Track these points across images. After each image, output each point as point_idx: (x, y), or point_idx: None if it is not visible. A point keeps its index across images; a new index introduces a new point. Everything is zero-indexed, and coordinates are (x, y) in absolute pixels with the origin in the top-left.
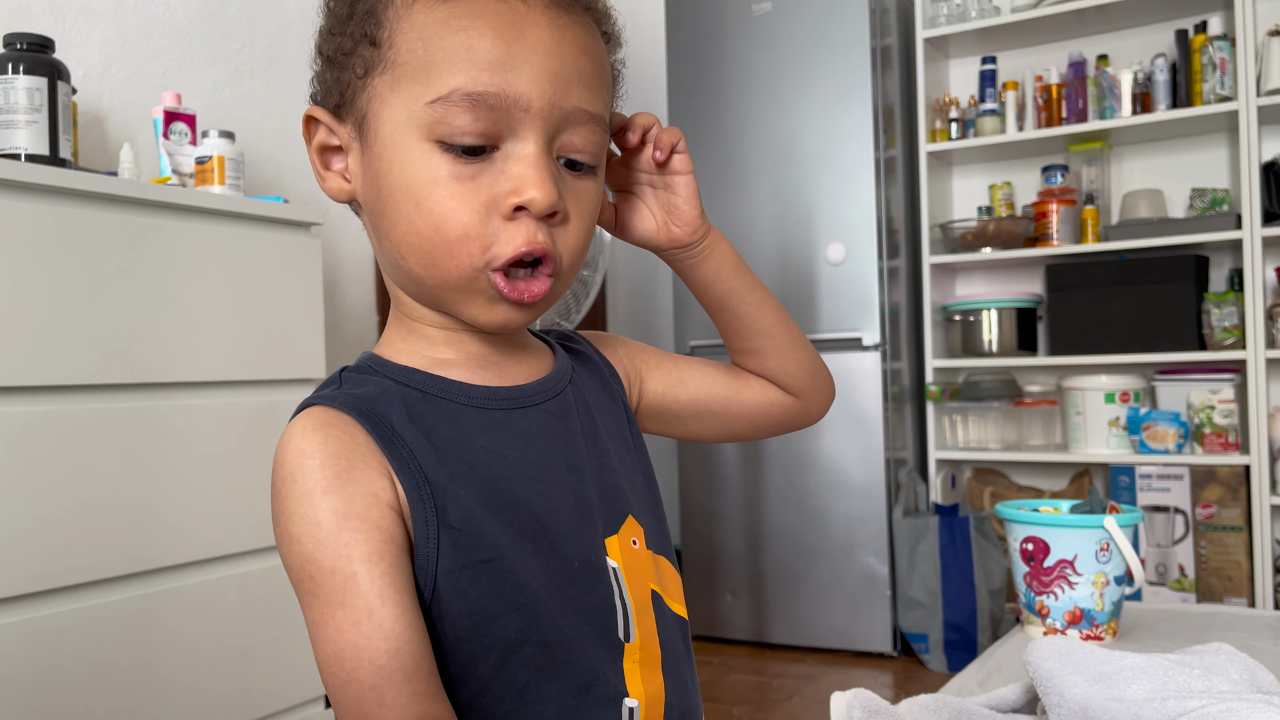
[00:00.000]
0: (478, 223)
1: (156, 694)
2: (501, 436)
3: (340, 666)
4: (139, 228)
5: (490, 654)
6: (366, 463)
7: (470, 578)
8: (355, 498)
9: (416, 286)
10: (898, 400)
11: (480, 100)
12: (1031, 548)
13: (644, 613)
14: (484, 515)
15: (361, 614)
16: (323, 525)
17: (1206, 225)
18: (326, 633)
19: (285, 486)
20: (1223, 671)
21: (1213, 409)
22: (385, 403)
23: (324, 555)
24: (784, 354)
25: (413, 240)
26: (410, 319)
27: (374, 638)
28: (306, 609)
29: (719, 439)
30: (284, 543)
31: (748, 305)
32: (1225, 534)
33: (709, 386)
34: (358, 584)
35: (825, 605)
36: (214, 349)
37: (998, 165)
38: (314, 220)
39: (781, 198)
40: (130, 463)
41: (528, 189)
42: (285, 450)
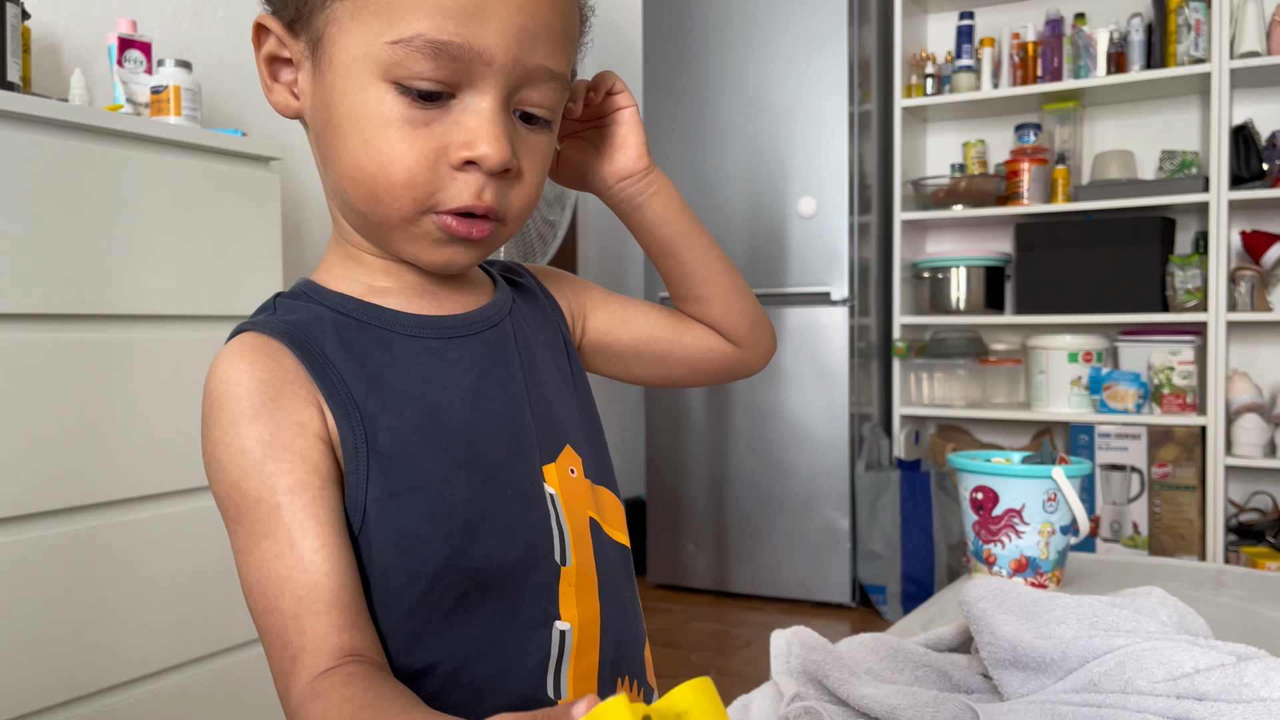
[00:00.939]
0: (425, 169)
1: (104, 628)
2: (436, 365)
3: (263, 595)
4: (90, 155)
5: (418, 579)
6: (295, 391)
7: (399, 505)
8: (282, 427)
9: (358, 219)
10: (864, 356)
11: (443, 49)
12: (981, 497)
13: (581, 538)
14: (415, 442)
15: (284, 545)
16: (248, 454)
17: (1175, 188)
18: (251, 560)
19: (212, 414)
20: (1152, 613)
21: (1172, 370)
22: (318, 329)
23: (249, 485)
24: (727, 301)
25: (356, 176)
26: (349, 244)
27: (295, 569)
28: (232, 536)
29: (659, 382)
30: (211, 470)
31: (694, 250)
32: (1179, 493)
33: (651, 329)
34: (280, 515)
35: (786, 556)
36: (167, 282)
37: (972, 123)
38: (273, 155)
39: (754, 149)
40: (79, 394)
41: (480, 144)
42: (213, 377)
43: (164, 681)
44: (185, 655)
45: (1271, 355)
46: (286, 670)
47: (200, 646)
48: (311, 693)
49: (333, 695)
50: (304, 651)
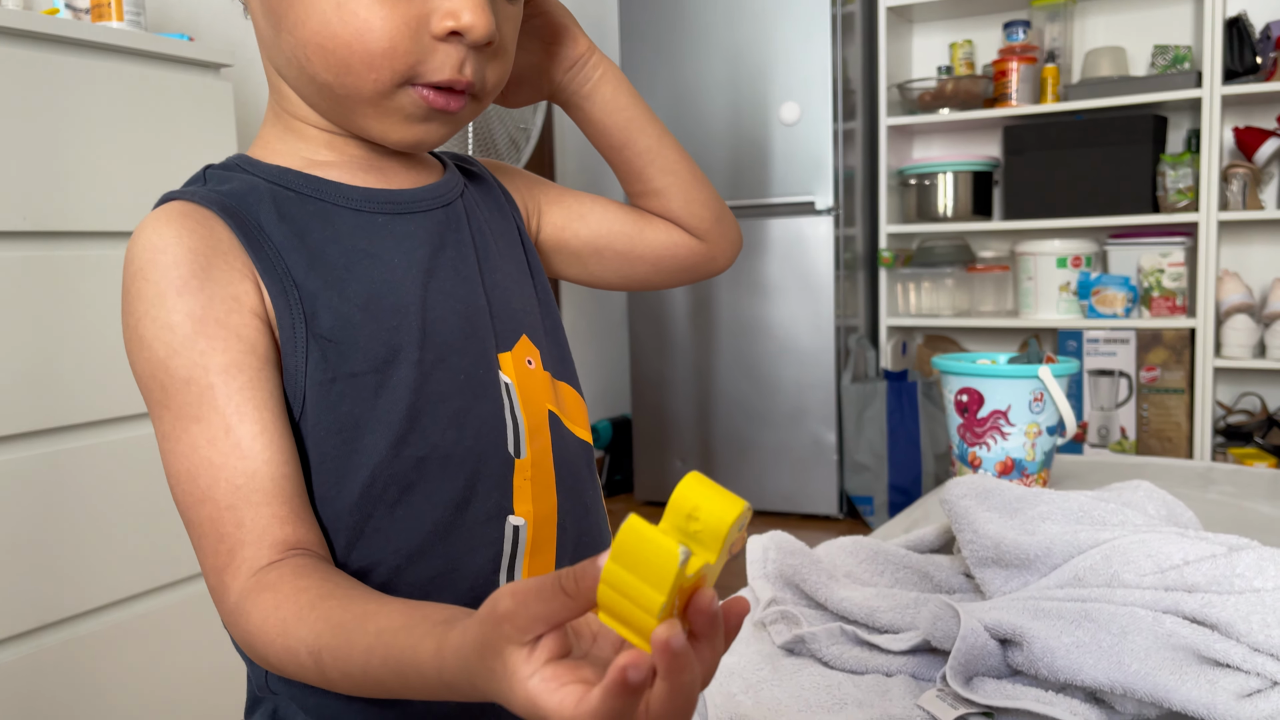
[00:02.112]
0: (407, 38)
1: (70, 555)
2: (383, 241)
3: (194, 484)
4: (29, 63)
5: (360, 470)
6: (229, 262)
7: (341, 390)
8: (214, 301)
9: (317, 90)
10: (850, 266)
11: None
12: (966, 399)
13: (538, 431)
14: (359, 322)
15: (218, 430)
16: (176, 330)
17: (1167, 84)
18: (179, 448)
19: (135, 285)
20: (1139, 507)
21: (1162, 272)
22: (253, 200)
23: (177, 364)
24: (689, 193)
25: (326, 44)
26: (291, 115)
27: (230, 456)
28: (156, 420)
29: (621, 283)
30: (133, 347)
31: (649, 138)
32: (1167, 396)
33: (610, 224)
34: (214, 397)
35: (773, 470)
36: (116, 197)
37: (959, 22)
38: (223, 61)
39: (734, 55)
40: (28, 316)
41: (465, 13)
42: (135, 245)
43: (129, 609)
44: (151, 582)
45: (1262, 254)
46: (222, 565)
47: (166, 573)
48: (257, 585)
49: (284, 586)
50: (242, 545)
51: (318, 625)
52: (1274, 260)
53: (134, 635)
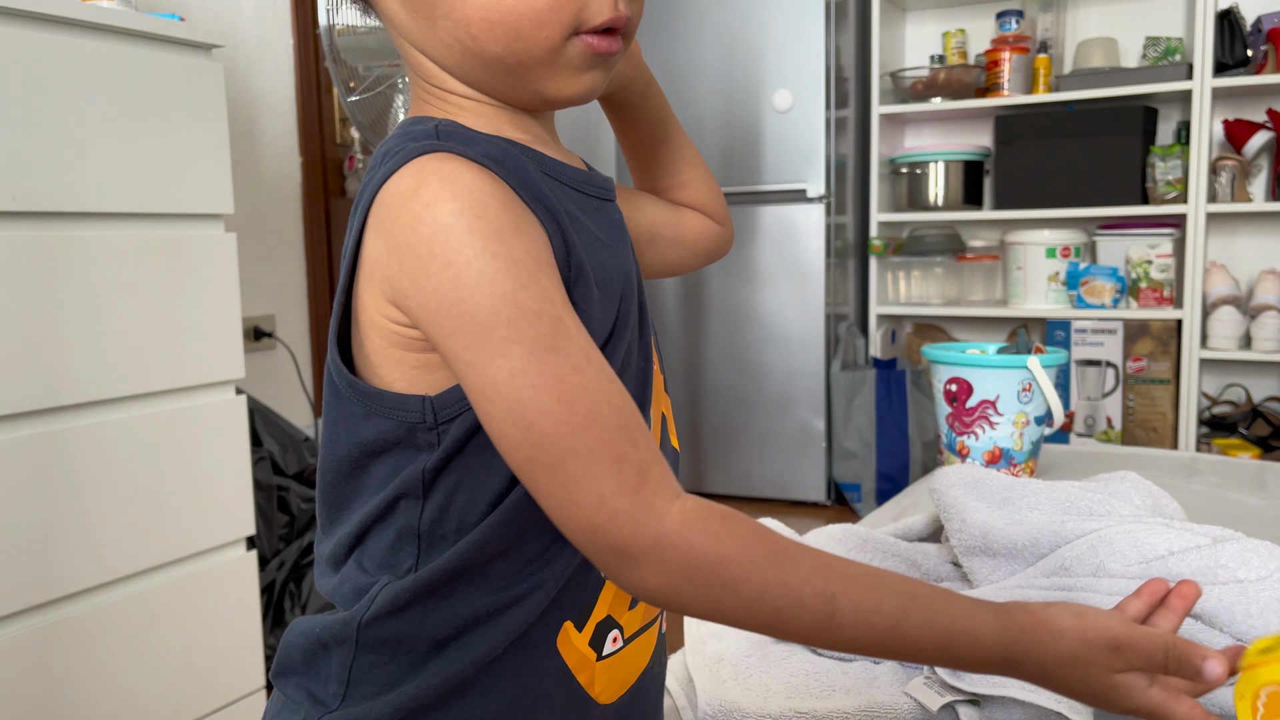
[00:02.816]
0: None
1: (64, 535)
2: (602, 224)
3: (571, 411)
4: (17, 41)
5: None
6: (531, 215)
7: None
8: (541, 246)
9: (486, 68)
10: (840, 254)
11: None
12: (955, 389)
13: (656, 430)
14: (599, 301)
15: (580, 359)
16: (521, 265)
17: (1158, 75)
18: (539, 380)
19: (463, 222)
20: (1125, 497)
21: (1150, 263)
22: (513, 162)
23: (526, 296)
24: (708, 182)
25: (491, 15)
26: (458, 96)
27: (601, 380)
28: (499, 359)
29: (661, 269)
30: (470, 284)
31: (679, 134)
32: (1153, 386)
33: (659, 213)
34: (567, 328)
35: (762, 457)
36: (107, 178)
37: (952, 11)
38: (214, 42)
39: (728, 39)
40: (21, 296)
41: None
42: (456, 183)
43: (123, 589)
44: (144, 563)
45: (1250, 246)
46: (635, 484)
47: (159, 554)
48: (719, 512)
49: (752, 522)
50: (648, 464)
51: (825, 570)
52: (1261, 252)
53: (126, 616)
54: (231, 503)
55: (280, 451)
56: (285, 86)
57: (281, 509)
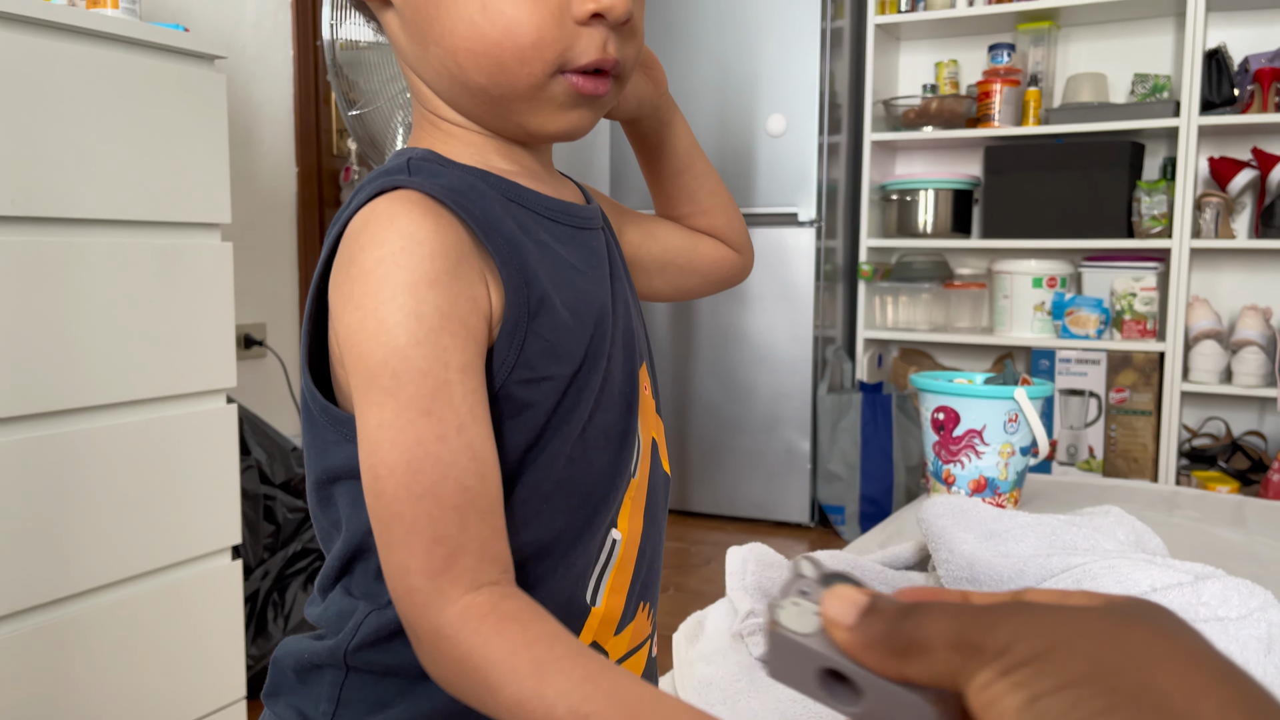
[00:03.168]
0: (553, 26)
1: (51, 540)
2: (580, 252)
3: (414, 478)
4: (21, 47)
5: (532, 465)
6: (471, 264)
7: (547, 390)
8: (459, 300)
9: (472, 97)
10: (830, 278)
11: None
12: (943, 417)
13: (645, 455)
14: (570, 328)
15: (450, 427)
16: (424, 321)
17: (1145, 111)
18: (401, 439)
19: (383, 269)
20: (1109, 532)
21: (1134, 296)
22: (477, 196)
23: (418, 354)
24: (729, 210)
25: (476, 47)
26: (450, 124)
27: (462, 455)
28: (374, 406)
29: (674, 295)
30: (369, 331)
31: (702, 161)
32: (1135, 417)
33: (673, 241)
34: (450, 394)
35: (747, 476)
36: (107, 185)
37: (946, 41)
38: (217, 53)
39: (723, 64)
40: (17, 301)
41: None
42: (390, 229)
43: (107, 596)
44: (129, 570)
45: (1232, 282)
46: (438, 568)
47: (145, 561)
48: (496, 611)
49: (533, 626)
50: (464, 552)
51: (585, 686)
52: (1243, 289)
53: (109, 623)
54: (219, 511)
55: (268, 460)
56: (283, 97)
57: (267, 518)
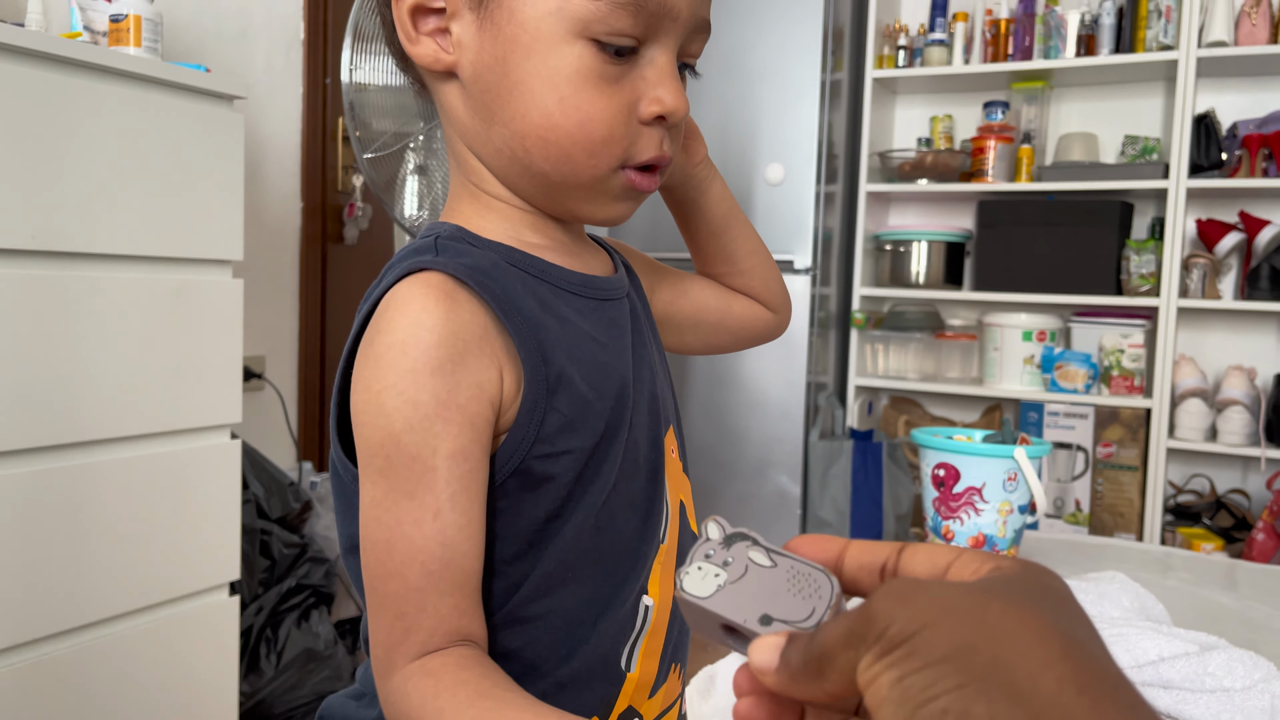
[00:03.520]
0: (623, 125)
1: (54, 573)
2: (600, 324)
3: (389, 556)
4: (45, 84)
5: (558, 537)
6: (482, 348)
7: (567, 463)
8: (460, 386)
9: (530, 178)
10: (823, 325)
11: (643, 5)
12: (943, 474)
13: (674, 519)
14: (590, 402)
15: (427, 512)
16: (420, 408)
17: (1135, 173)
18: (384, 517)
19: (391, 355)
20: (1115, 599)
21: (1122, 353)
22: (500, 275)
23: (409, 439)
24: (767, 271)
25: (548, 135)
26: (490, 196)
27: (432, 541)
28: (369, 483)
29: (705, 350)
30: (369, 413)
31: (741, 223)
32: (1121, 472)
33: (706, 299)
34: (434, 480)
35: (736, 520)
36: (124, 221)
37: (941, 97)
38: (237, 94)
39: (724, 113)
40: (29, 333)
41: (669, 99)
42: (402, 315)
43: (116, 627)
44: (139, 602)
45: (1218, 342)
46: (395, 642)
47: (144, 596)
48: (421, 670)
49: (446, 677)
50: (418, 628)
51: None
52: (1228, 348)
53: (106, 657)
54: (218, 546)
55: (265, 495)
56: (291, 134)
57: (263, 553)
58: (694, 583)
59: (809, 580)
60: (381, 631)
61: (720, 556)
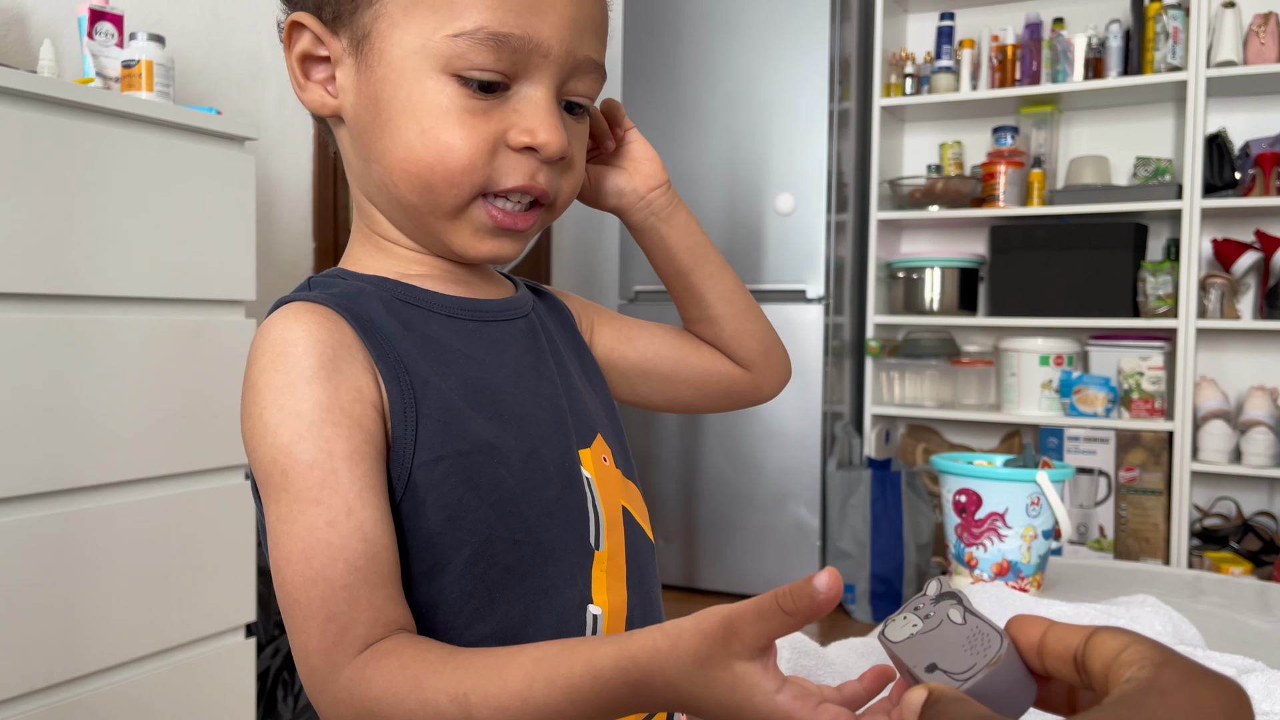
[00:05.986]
0: (484, 155)
1: (70, 618)
2: (477, 343)
3: (307, 564)
4: (60, 130)
5: (463, 548)
6: (352, 355)
7: (446, 469)
8: (340, 391)
9: (403, 212)
10: (838, 354)
11: (504, 41)
12: (964, 500)
13: (614, 526)
14: (462, 409)
15: (339, 512)
16: (304, 417)
17: (1148, 194)
18: (293, 529)
19: (264, 376)
20: (1147, 622)
21: (1142, 375)
22: (363, 300)
23: (302, 448)
24: (740, 323)
25: (410, 167)
26: (380, 236)
27: (351, 538)
28: (271, 504)
29: (668, 405)
30: (256, 435)
31: (711, 265)
32: (1145, 497)
33: (657, 347)
34: (337, 481)
35: (756, 553)
36: (138, 263)
37: (950, 124)
38: (248, 135)
39: (733, 144)
40: (45, 377)
41: (541, 133)
42: (266, 338)
43: (131, 672)
44: (154, 646)
45: (1238, 362)
46: (331, 643)
47: (160, 639)
48: (374, 654)
49: (405, 651)
50: (356, 623)
51: (458, 673)
52: (1249, 369)
53: (122, 703)
54: (234, 588)
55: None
56: (302, 174)
57: None
58: (894, 629)
59: (984, 640)
60: (314, 639)
61: (926, 610)
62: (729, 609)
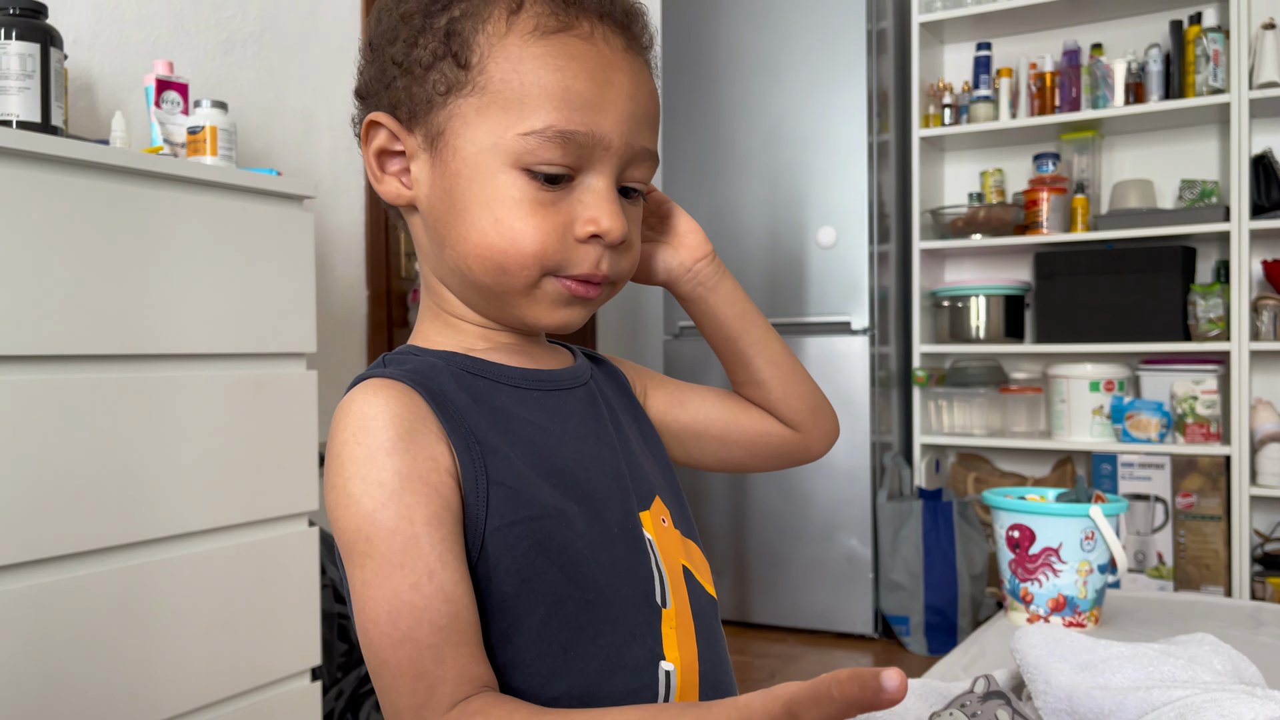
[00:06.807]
0: (555, 242)
1: (143, 666)
2: (540, 411)
3: (394, 626)
4: (130, 197)
5: (536, 609)
6: (427, 427)
7: (518, 534)
8: (418, 460)
9: (477, 293)
10: (884, 385)
11: (570, 138)
12: (1018, 535)
13: (677, 585)
14: (530, 476)
15: (422, 575)
16: (385, 486)
17: (1195, 217)
18: (379, 593)
19: (347, 449)
20: (1206, 662)
21: (1195, 399)
22: (435, 374)
23: (385, 516)
24: (787, 385)
25: (485, 253)
26: (448, 314)
27: (434, 599)
28: (357, 569)
29: (719, 466)
30: (340, 505)
31: (758, 330)
32: (1204, 523)
33: (708, 410)
34: (419, 546)
35: (808, 586)
36: (203, 321)
37: (990, 152)
38: (306, 194)
39: (773, 179)
40: (119, 434)
41: (604, 221)
42: (348, 415)
43: (204, 716)
44: (225, 691)
45: None
46: (420, 702)
47: (239, 682)
48: (462, 713)
49: (494, 710)
50: (443, 681)
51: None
52: None
53: None
54: (299, 632)
55: (342, 579)
56: (355, 225)
57: (341, 637)
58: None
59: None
60: (404, 698)
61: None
62: (792, 690)
